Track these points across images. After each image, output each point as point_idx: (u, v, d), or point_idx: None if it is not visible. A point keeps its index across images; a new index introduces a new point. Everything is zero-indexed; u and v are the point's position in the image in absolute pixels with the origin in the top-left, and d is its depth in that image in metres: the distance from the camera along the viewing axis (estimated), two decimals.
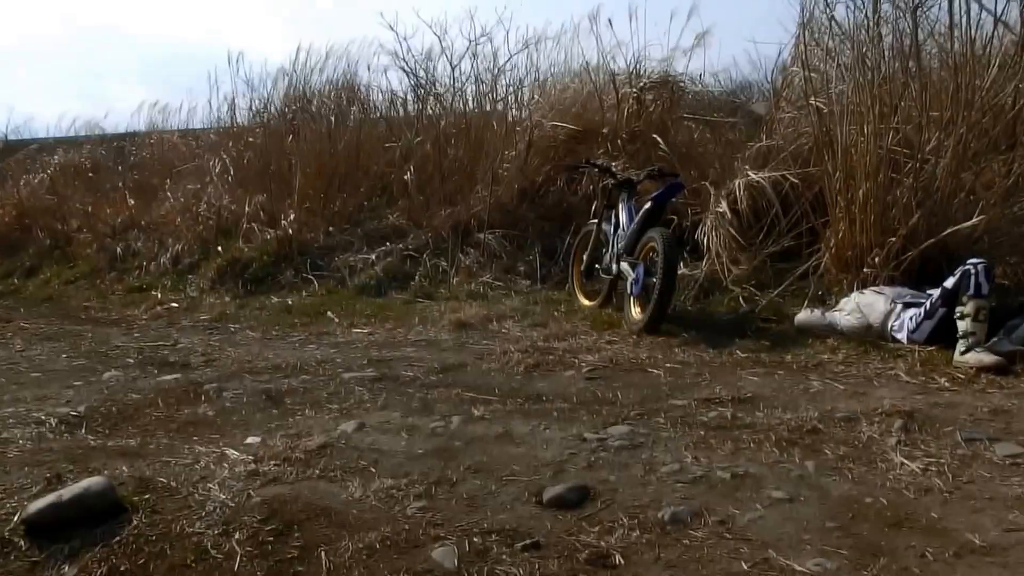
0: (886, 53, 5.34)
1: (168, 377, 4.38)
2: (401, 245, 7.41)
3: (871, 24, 5.29)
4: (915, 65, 5.17)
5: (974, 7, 5.11)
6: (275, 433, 3.28)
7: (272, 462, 2.87)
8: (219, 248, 8.26)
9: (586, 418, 3.36)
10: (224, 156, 9.70)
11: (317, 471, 2.80)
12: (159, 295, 7.72)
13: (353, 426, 3.32)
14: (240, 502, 2.51)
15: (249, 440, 3.20)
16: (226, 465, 2.86)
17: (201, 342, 5.53)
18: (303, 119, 9.65)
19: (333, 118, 9.41)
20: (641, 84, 7.70)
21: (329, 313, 6.23)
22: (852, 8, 5.47)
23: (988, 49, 5.16)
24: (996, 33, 5.22)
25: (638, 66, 7.92)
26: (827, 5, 5.66)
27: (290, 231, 7.87)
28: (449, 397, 3.76)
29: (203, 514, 2.43)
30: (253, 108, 10.42)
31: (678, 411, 3.42)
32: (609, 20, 8.27)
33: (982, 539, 2.17)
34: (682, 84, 7.97)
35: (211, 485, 2.65)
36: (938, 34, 5.50)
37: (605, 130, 7.60)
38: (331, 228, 8.02)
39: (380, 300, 6.60)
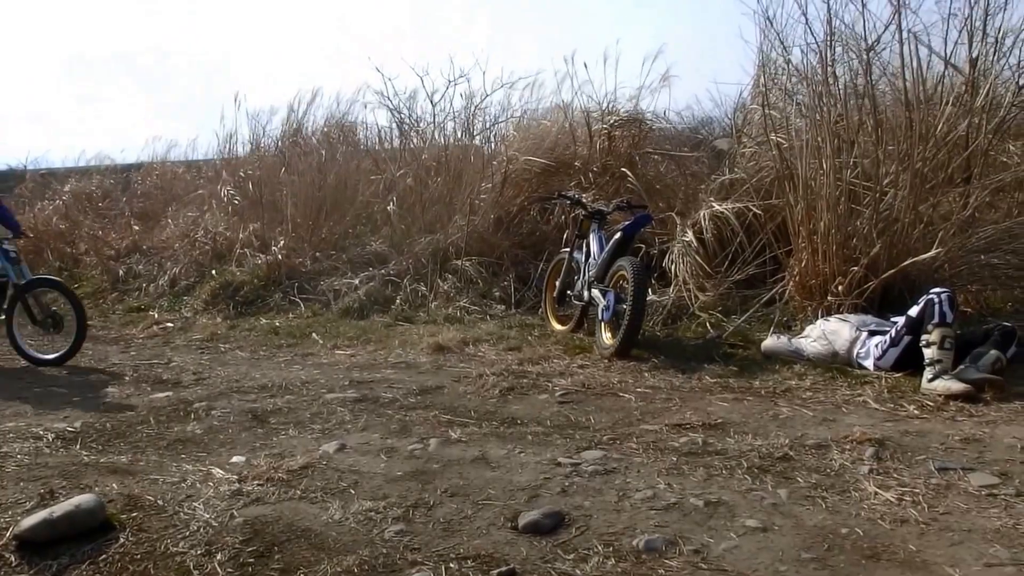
0: (841, 92, 5.25)
1: (160, 395, 4.30)
2: (383, 270, 7.25)
3: (826, 65, 5.19)
4: (870, 103, 5.07)
5: (923, 50, 5.04)
6: (259, 452, 3.17)
7: (256, 482, 2.77)
8: (213, 272, 8.11)
9: (560, 442, 3.20)
10: (223, 186, 9.58)
11: (299, 492, 2.69)
12: (156, 315, 7.54)
13: (335, 447, 3.20)
14: (223, 522, 2.42)
15: (234, 459, 3.10)
16: (211, 484, 2.77)
17: (193, 361, 5.40)
18: (296, 153, 9.53)
19: (324, 152, 9.30)
20: (612, 121, 7.61)
21: (314, 335, 6.05)
22: (807, 51, 5.37)
23: (939, 88, 5.08)
24: (946, 74, 5.15)
25: (610, 104, 7.84)
26: (784, 48, 5.57)
27: (280, 256, 7.72)
28: (427, 419, 3.62)
29: (187, 533, 2.35)
30: (252, 142, 10.34)
31: (650, 436, 3.25)
32: (584, 63, 8.21)
33: (963, 574, 1.99)
34: (649, 121, 7.89)
35: (196, 504, 2.56)
36: (890, 75, 5.42)
37: (577, 164, 7.51)
38: (318, 254, 7.88)
39: (362, 323, 6.43)
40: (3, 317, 5.56)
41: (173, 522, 2.42)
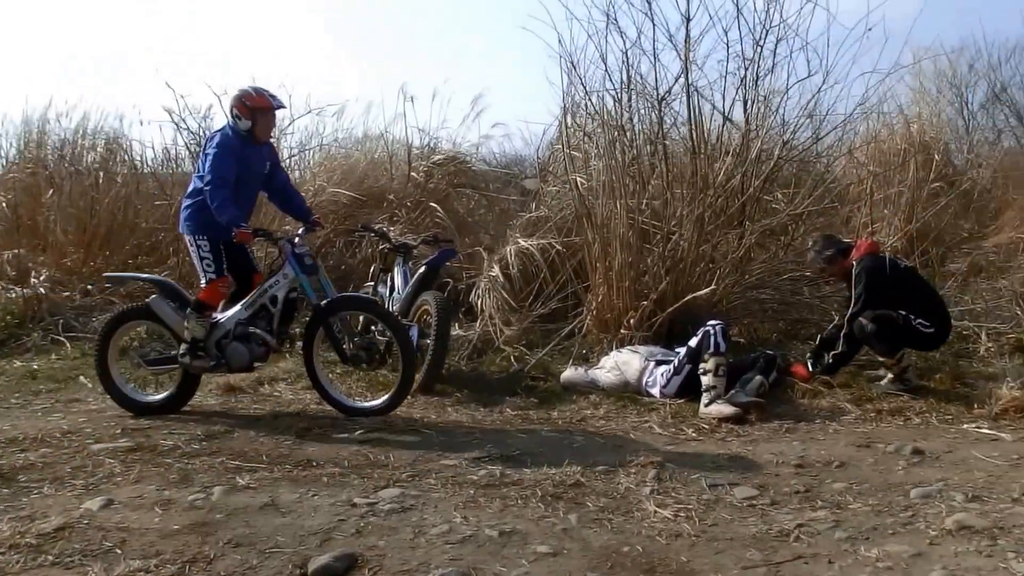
0: (637, 138, 5.75)
1: None
2: None
3: (622, 111, 5.69)
4: (661, 149, 5.60)
5: (707, 104, 5.68)
6: (2, 516, 2.89)
7: None
8: None
9: (357, 482, 3.21)
10: None
11: (51, 557, 2.51)
12: None
13: (99, 503, 2.99)
14: None
15: None
16: None
17: None
18: (66, 172, 8.74)
19: (100, 173, 8.61)
20: (434, 159, 7.85)
21: (82, 378, 5.55)
22: (604, 96, 5.85)
23: (720, 140, 5.72)
24: (725, 127, 5.82)
25: (430, 141, 8.08)
26: (586, 92, 6.00)
27: (41, 290, 7.00)
28: (212, 466, 3.48)
29: None
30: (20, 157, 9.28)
31: (449, 471, 3.36)
32: (412, 97, 8.23)
33: None
34: (466, 159, 8.20)
35: None
36: (680, 124, 6.01)
37: (391, 196, 7.59)
38: (90, 287, 7.26)
39: None
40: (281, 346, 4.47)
41: None
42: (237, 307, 4.38)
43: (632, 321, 5.16)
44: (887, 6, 5.28)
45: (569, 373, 4.95)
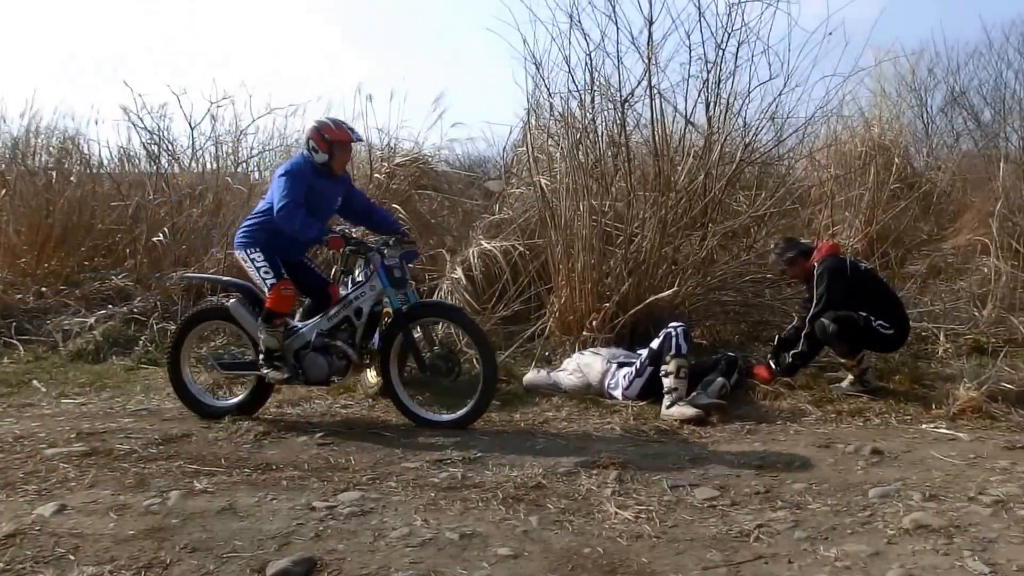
0: (600, 140, 5.80)
1: None
2: (126, 308, 6.71)
3: (585, 112, 5.73)
4: (624, 151, 5.66)
5: (669, 107, 5.75)
6: None
7: None
8: None
9: (316, 485, 3.21)
10: None
11: (1, 564, 2.49)
12: None
13: (52, 509, 2.96)
14: None
15: None
16: None
17: None
18: (18, 172, 8.55)
19: (54, 173, 8.44)
20: (397, 161, 7.82)
21: (35, 382, 5.46)
22: (568, 97, 5.89)
23: (683, 142, 5.79)
24: (688, 129, 5.89)
25: (393, 143, 8.05)
26: (549, 94, 6.04)
27: None
28: (169, 470, 3.45)
29: None
30: None
31: (410, 473, 3.37)
32: (369, 96, 8.16)
33: None
34: (428, 160, 8.19)
35: None
36: (643, 127, 6.08)
37: None
38: (44, 289, 7.12)
39: (98, 367, 5.90)
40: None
41: None
42: (319, 317, 4.29)
43: (595, 323, 5.20)
44: (847, 10, 5.40)
45: (531, 375, 4.98)
